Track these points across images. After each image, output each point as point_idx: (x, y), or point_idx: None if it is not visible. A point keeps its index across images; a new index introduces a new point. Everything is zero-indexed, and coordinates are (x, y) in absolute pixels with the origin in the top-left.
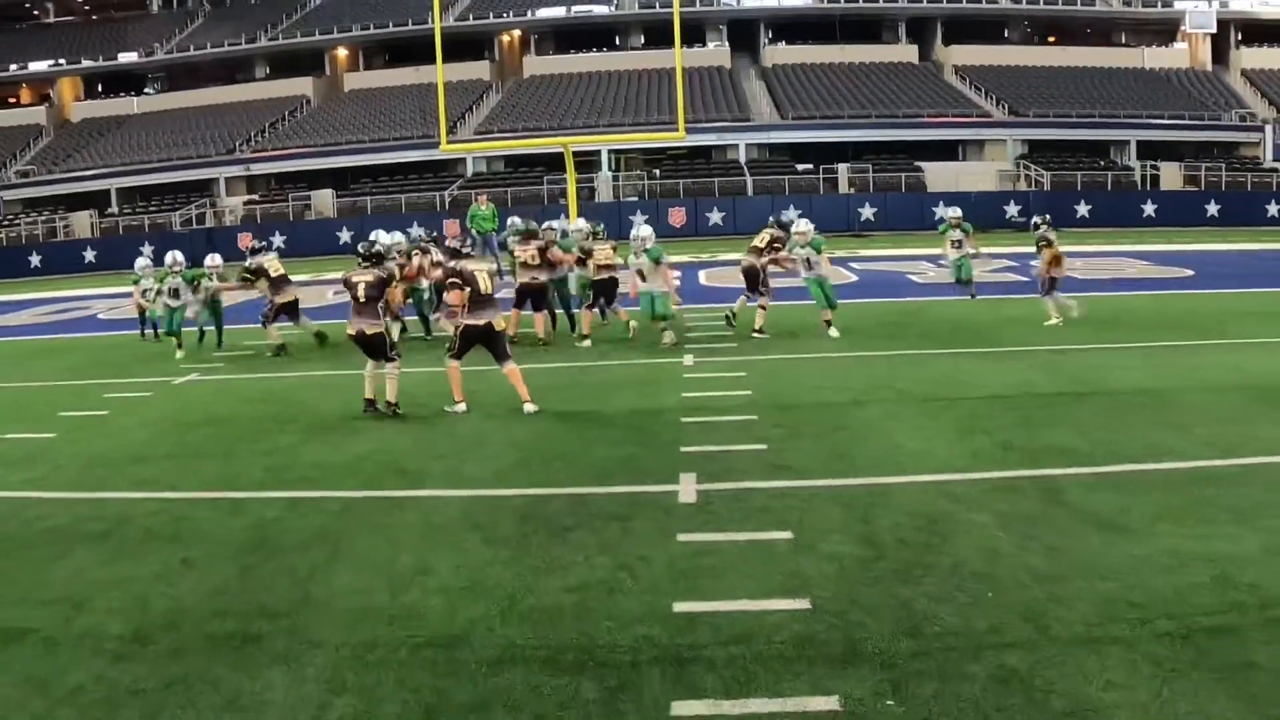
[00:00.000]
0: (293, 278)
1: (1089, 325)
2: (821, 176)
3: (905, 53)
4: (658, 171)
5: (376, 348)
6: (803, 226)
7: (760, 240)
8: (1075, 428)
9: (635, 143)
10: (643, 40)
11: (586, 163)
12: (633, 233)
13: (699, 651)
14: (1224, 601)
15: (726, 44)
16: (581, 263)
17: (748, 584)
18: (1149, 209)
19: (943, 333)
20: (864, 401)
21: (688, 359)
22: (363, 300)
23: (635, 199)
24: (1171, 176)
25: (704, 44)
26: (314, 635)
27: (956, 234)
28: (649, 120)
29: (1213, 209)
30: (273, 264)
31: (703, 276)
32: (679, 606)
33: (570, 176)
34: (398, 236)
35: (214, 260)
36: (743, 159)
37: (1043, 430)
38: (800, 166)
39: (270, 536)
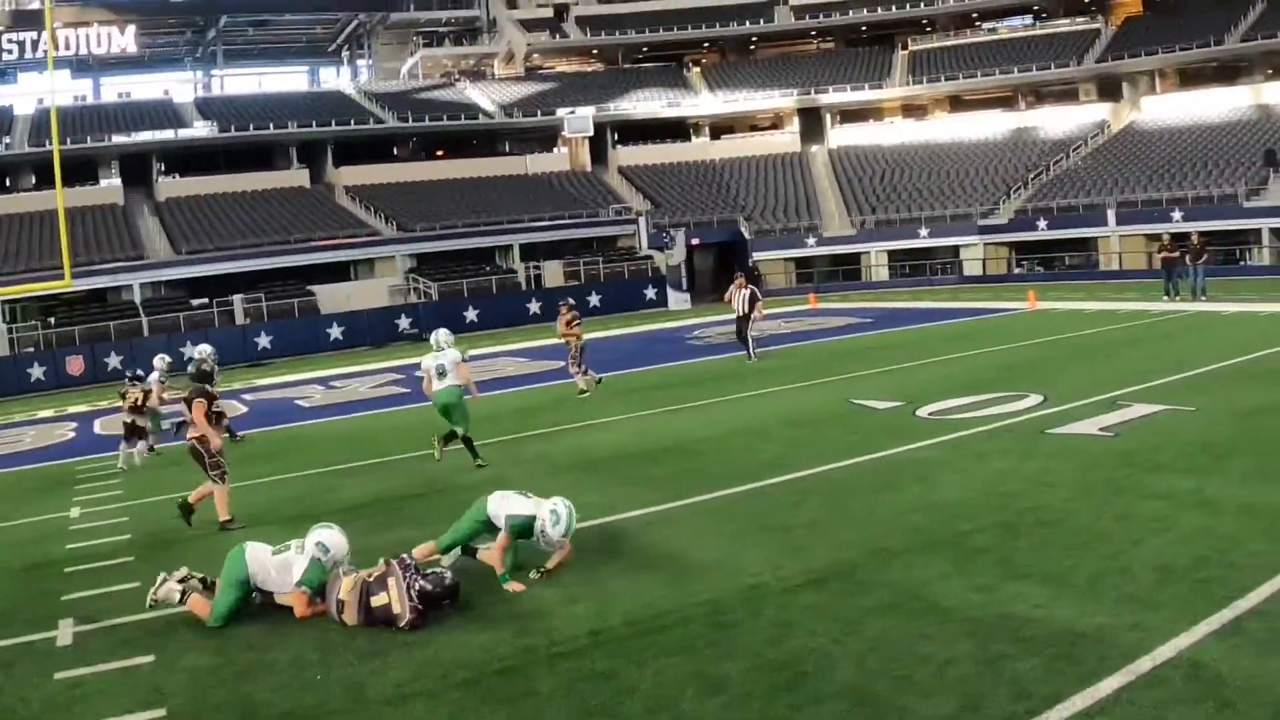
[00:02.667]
0: None
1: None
2: (216, 310)
3: (297, 177)
4: (53, 320)
5: None
6: None
7: None
8: (416, 524)
9: (19, 294)
10: (34, 180)
11: None
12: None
13: None
14: (518, 648)
15: (119, 180)
16: None
17: (113, 705)
18: (534, 307)
19: (322, 452)
20: (229, 532)
21: (74, 511)
22: None
23: (32, 350)
24: (554, 273)
25: (97, 181)
26: None
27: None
28: (44, 266)
29: (595, 299)
30: None
31: (98, 425)
32: None
33: None
34: None
35: None
36: (138, 299)
37: (390, 530)
38: (196, 301)
39: None
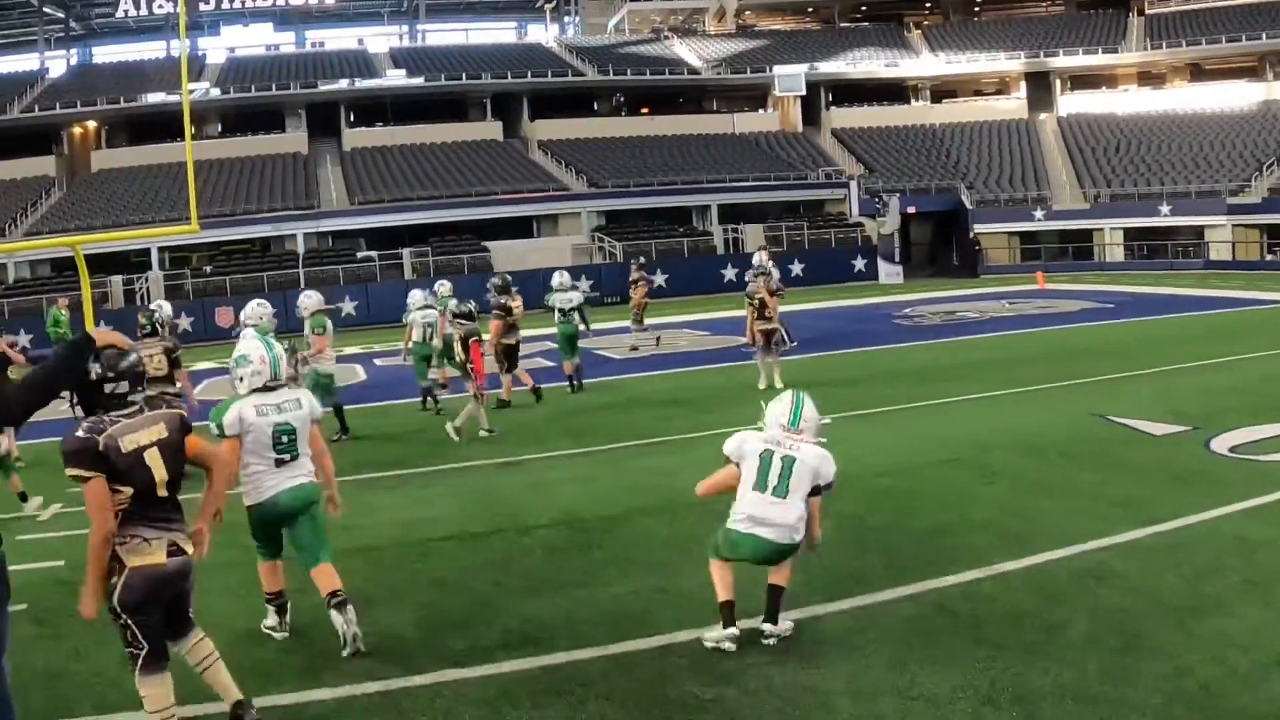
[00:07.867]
0: None
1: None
2: (380, 263)
3: (490, 130)
4: (208, 269)
5: None
6: None
7: None
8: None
9: (145, 240)
10: (220, 129)
11: (140, 263)
12: None
13: None
14: None
15: (304, 129)
16: None
17: None
18: (729, 273)
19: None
20: None
21: (40, 511)
22: None
23: (184, 300)
24: (755, 238)
25: (284, 130)
26: None
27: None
28: (214, 213)
29: (797, 268)
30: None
31: (201, 388)
32: None
33: (84, 279)
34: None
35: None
36: (300, 249)
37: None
38: (360, 254)
39: None
